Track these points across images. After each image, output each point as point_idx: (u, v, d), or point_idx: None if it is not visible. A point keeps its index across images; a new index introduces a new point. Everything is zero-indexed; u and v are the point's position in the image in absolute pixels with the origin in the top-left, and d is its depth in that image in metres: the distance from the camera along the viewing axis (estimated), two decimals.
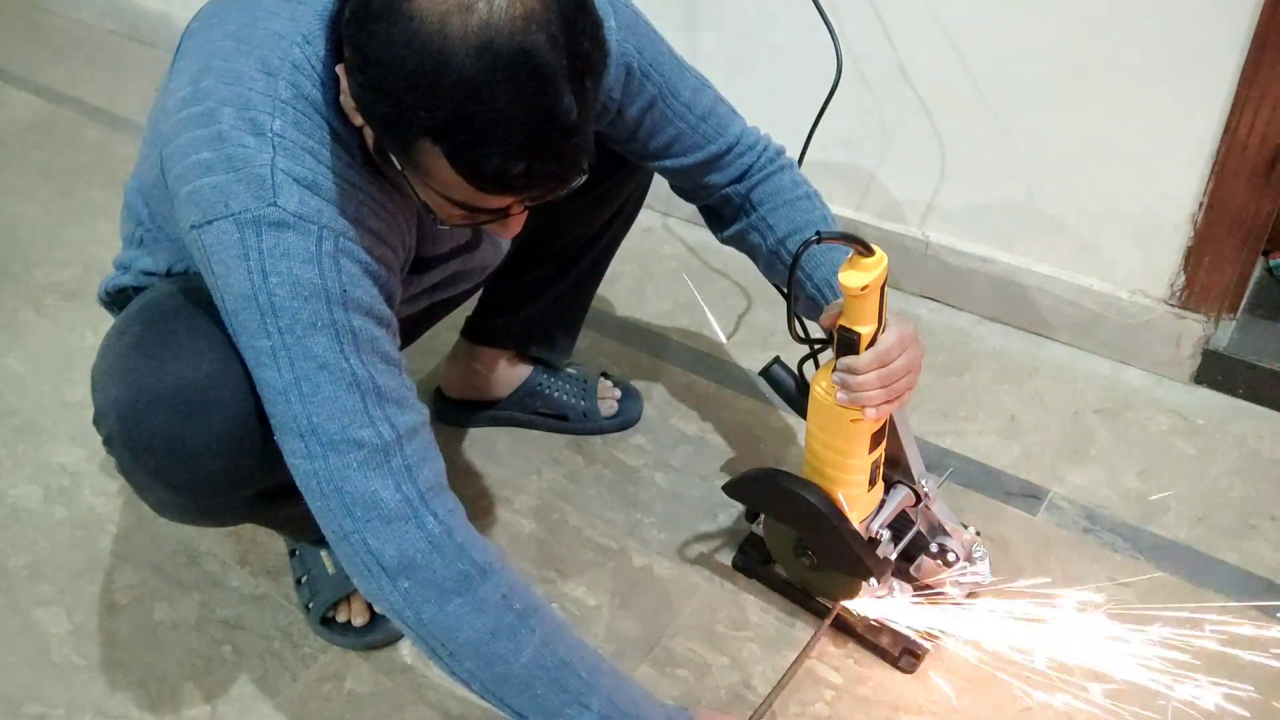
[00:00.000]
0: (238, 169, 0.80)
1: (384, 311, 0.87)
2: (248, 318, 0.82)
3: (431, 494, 0.85)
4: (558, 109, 0.72)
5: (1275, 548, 1.25)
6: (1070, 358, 1.56)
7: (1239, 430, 1.42)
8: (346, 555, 0.86)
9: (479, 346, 1.44)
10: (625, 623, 1.21)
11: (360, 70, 0.74)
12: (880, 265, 0.89)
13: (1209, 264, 1.41)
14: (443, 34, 0.69)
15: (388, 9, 0.70)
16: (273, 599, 1.25)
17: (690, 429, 1.47)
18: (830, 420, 1.01)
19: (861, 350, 0.94)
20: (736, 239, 1.14)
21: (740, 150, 1.09)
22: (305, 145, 0.82)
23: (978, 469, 1.38)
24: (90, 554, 1.31)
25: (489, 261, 1.15)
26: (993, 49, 1.43)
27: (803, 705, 1.11)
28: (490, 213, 0.82)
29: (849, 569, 1.10)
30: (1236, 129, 1.29)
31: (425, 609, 0.84)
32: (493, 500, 1.37)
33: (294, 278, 0.80)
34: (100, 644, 1.20)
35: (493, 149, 0.72)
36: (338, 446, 0.82)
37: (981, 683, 1.11)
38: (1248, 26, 1.23)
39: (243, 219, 0.80)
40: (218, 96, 0.82)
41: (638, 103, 1.03)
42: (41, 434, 1.50)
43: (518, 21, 0.69)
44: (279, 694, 1.15)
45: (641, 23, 1.02)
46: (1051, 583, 1.21)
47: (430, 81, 0.70)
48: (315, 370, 0.81)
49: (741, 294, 1.73)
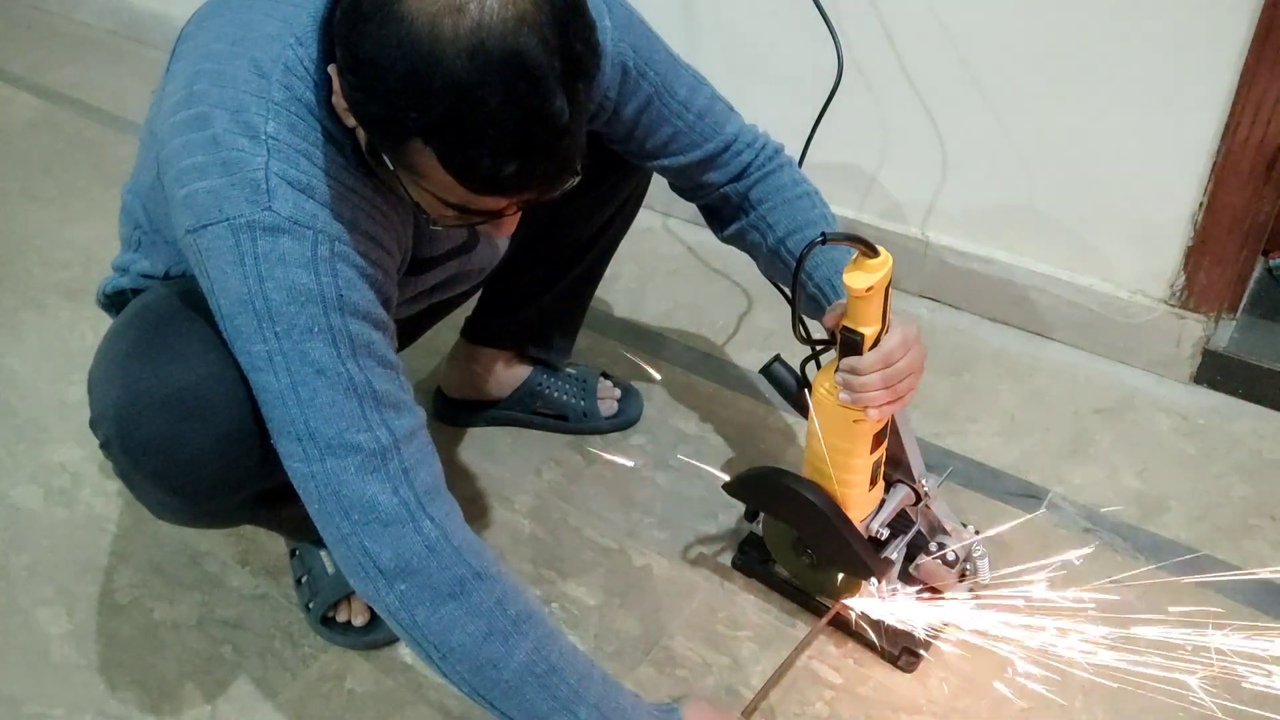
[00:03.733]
0: (232, 173, 0.80)
1: (380, 315, 0.87)
2: (244, 322, 0.82)
3: (428, 497, 0.86)
4: (549, 111, 0.72)
5: (1275, 548, 1.25)
6: (1070, 358, 1.56)
7: (1239, 430, 1.42)
8: (344, 557, 0.86)
9: (478, 347, 1.44)
10: (625, 623, 1.21)
11: (351, 71, 0.74)
12: (885, 266, 0.89)
13: (1209, 264, 1.41)
14: (434, 35, 0.69)
15: (379, 10, 0.70)
16: (273, 599, 1.25)
17: (690, 429, 1.47)
18: (832, 420, 1.01)
19: (865, 351, 0.94)
20: (736, 238, 1.14)
21: (738, 148, 1.09)
22: (299, 148, 0.82)
23: (978, 469, 1.38)
24: (90, 554, 1.31)
25: (487, 263, 1.15)
26: (993, 49, 1.43)
27: (802, 705, 1.11)
28: (483, 213, 0.82)
29: (849, 568, 1.10)
30: (1236, 129, 1.29)
31: (420, 611, 0.85)
32: (493, 500, 1.37)
33: (290, 283, 0.80)
34: (100, 644, 1.20)
35: (484, 150, 0.72)
36: (335, 451, 0.82)
37: (981, 683, 1.11)
38: (1248, 26, 1.23)
39: (238, 224, 0.80)
40: (211, 100, 0.82)
41: (634, 102, 1.03)
42: (41, 434, 1.50)
43: (509, 23, 0.69)
44: (279, 694, 1.15)
45: (637, 21, 1.02)
46: (1051, 583, 1.21)
47: (421, 83, 0.70)
48: (312, 375, 0.82)
49: (742, 294, 1.73)
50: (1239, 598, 1.19)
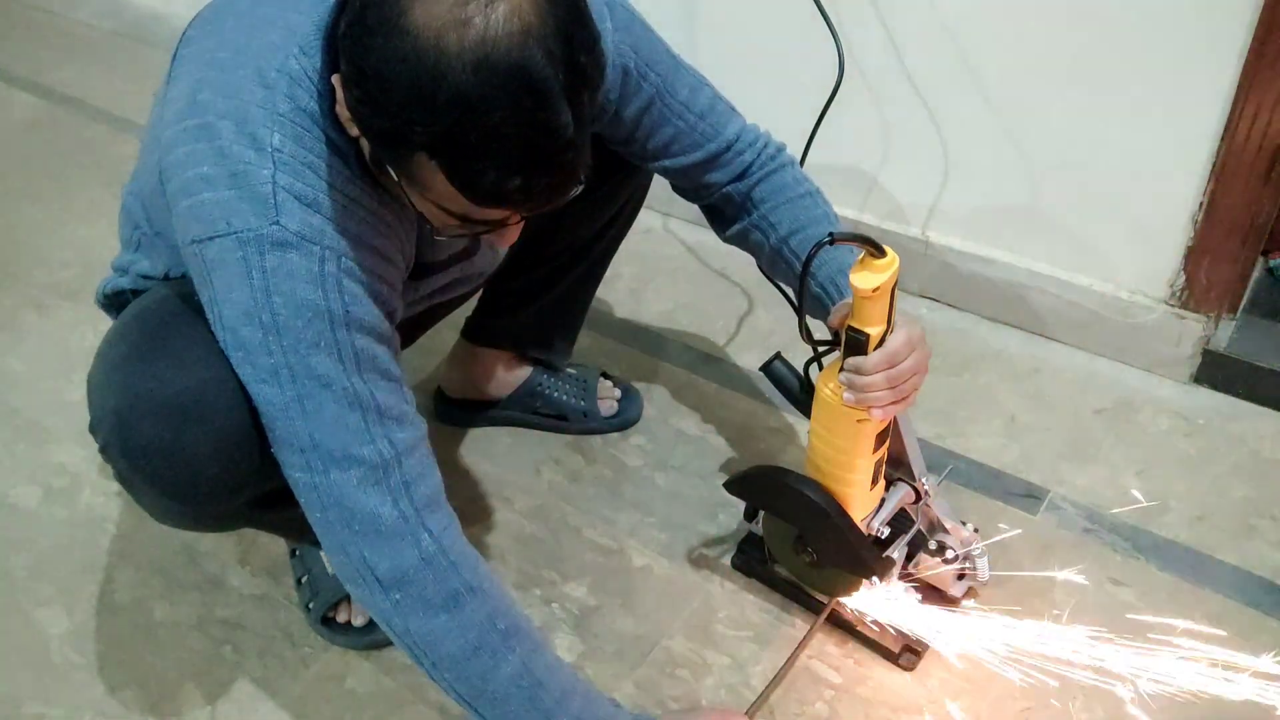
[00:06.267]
0: (239, 185, 0.80)
1: (384, 328, 0.88)
2: (249, 335, 0.82)
3: (427, 510, 0.87)
4: (554, 124, 0.72)
5: (1275, 548, 1.25)
6: (1070, 358, 1.56)
7: (1239, 430, 1.42)
8: (342, 565, 0.87)
9: (479, 347, 1.44)
10: (625, 623, 1.21)
11: (356, 84, 0.74)
12: (891, 267, 0.89)
13: (1209, 264, 1.41)
14: (439, 49, 0.69)
15: (384, 23, 0.70)
16: (273, 599, 1.25)
17: (690, 429, 1.47)
18: (835, 420, 1.01)
19: (870, 351, 0.94)
20: (739, 238, 1.14)
21: (740, 148, 1.09)
22: (305, 160, 0.82)
23: (978, 469, 1.38)
24: (90, 554, 1.31)
25: (488, 267, 1.16)
26: (994, 49, 1.43)
27: (802, 705, 1.11)
28: (487, 223, 0.82)
29: (850, 567, 1.10)
30: (1236, 129, 1.29)
31: (413, 621, 0.87)
32: (493, 500, 1.37)
33: (297, 298, 0.81)
34: (100, 644, 1.20)
35: (489, 164, 0.72)
36: (338, 463, 0.83)
37: (981, 683, 1.11)
38: (1248, 26, 1.23)
39: (245, 237, 0.80)
40: (216, 110, 0.82)
41: (635, 103, 1.03)
42: (41, 434, 1.50)
43: (515, 37, 0.69)
44: (279, 694, 1.15)
45: (638, 22, 1.02)
46: (1051, 582, 1.21)
47: (426, 97, 0.70)
48: (318, 389, 0.82)
49: (742, 294, 1.73)
50: (1239, 598, 1.19)
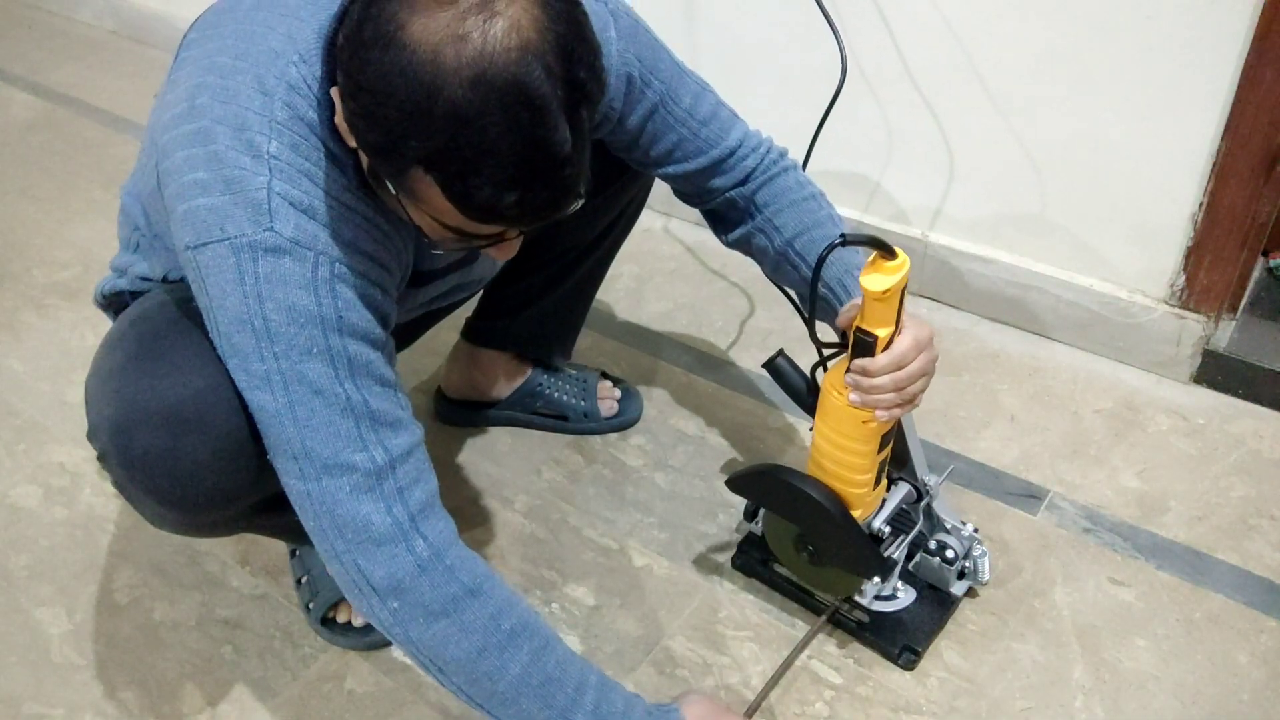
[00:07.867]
0: (234, 192, 0.80)
1: (379, 334, 0.87)
2: (242, 341, 0.82)
3: (422, 516, 0.86)
4: (552, 141, 0.71)
5: (1275, 548, 1.25)
6: (1070, 358, 1.57)
7: (1239, 430, 1.42)
8: (338, 573, 0.87)
9: (479, 348, 1.44)
10: (625, 623, 1.21)
11: (353, 97, 0.73)
12: (903, 269, 0.89)
13: (1209, 264, 1.41)
14: (436, 64, 0.68)
15: (381, 37, 0.70)
16: (273, 599, 1.25)
17: (690, 429, 1.47)
18: (840, 420, 1.01)
19: (878, 353, 0.94)
20: (742, 242, 1.14)
21: (743, 154, 1.08)
22: (301, 168, 0.82)
23: (978, 469, 1.38)
24: (90, 554, 1.31)
25: (487, 273, 1.16)
26: (995, 50, 1.43)
27: (802, 705, 1.11)
28: (484, 238, 0.82)
29: (852, 566, 1.10)
30: (1236, 129, 1.29)
31: (413, 628, 0.86)
32: (493, 500, 1.37)
33: (290, 304, 0.81)
34: (100, 644, 1.20)
35: (485, 180, 0.72)
36: (331, 470, 0.83)
37: (981, 683, 1.11)
38: (1248, 26, 1.23)
39: (239, 244, 0.80)
40: (214, 115, 0.82)
41: (638, 111, 1.03)
42: (41, 434, 1.50)
43: (513, 53, 0.69)
44: (279, 694, 1.15)
45: (641, 30, 1.02)
46: (1051, 582, 1.21)
47: (422, 112, 0.69)
48: (310, 395, 0.82)
49: (742, 294, 1.73)
50: (1239, 598, 1.19)
